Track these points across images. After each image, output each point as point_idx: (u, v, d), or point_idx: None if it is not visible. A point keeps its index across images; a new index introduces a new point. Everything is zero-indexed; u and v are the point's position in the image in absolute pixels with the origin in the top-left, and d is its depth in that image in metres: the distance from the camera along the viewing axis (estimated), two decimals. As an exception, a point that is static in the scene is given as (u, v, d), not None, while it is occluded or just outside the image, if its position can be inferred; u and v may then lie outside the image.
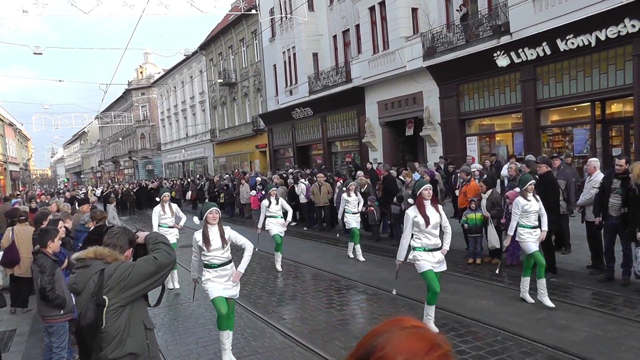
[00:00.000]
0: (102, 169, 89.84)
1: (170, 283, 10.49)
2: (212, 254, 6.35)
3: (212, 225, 6.42)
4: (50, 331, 6.11)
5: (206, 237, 6.34)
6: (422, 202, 6.93)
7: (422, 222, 6.84)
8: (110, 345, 3.29)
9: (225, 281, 6.40)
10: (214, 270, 6.38)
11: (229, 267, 6.49)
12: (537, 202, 8.19)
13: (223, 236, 6.41)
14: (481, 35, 18.51)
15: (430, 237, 6.94)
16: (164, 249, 3.51)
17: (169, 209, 11.02)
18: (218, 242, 6.37)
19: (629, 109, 15.25)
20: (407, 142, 24.73)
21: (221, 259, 6.41)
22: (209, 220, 6.41)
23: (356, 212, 12.65)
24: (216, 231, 6.41)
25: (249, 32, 37.36)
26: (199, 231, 6.43)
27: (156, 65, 67.19)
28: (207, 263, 6.40)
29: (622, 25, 14.12)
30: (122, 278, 3.29)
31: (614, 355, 5.95)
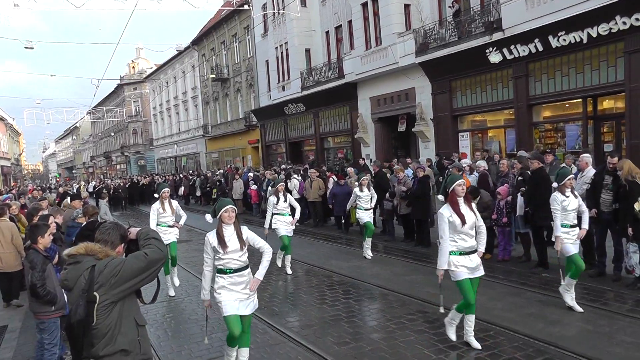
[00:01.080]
0: (94, 164, 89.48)
1: (171, 290, 9.91)
2: (229, 256, 5.59)
3: (228, 225, 5.68)
4: (42, 327, 6.09)
5: (221, 238, 5.58)
6: (455, 200, 6.17)
7: (458, 221, 6.09)
8: (102, 342, 3.27)
9: (242, 289, 5.61)
10: (229, 277, 5.59)
11: (246, 273, 5.70)
12: (575, 199, 7.50)
13: (241, 237, 5.66)
14: (473, 31, 18.52)
15: (466, 239, 6.19)
16: (155, 245, 3.49)
17: (169, 207, 10.03)
18: (235, 244, 5.61)
19: (621, 105, 15.32)
20: (400, 138, 24.74)
21: (238, 263, 5.63)
22: (225, 219, 5.67)
23: (369, 208, 12.08)
24: (232, 231, 5.67)
25: (242, 28, 37.26)
26: (212, 232, 5.68)
27: (148, 61, 66.95)
28: (222, 268, 5.61)
29: (614, 22, 14.18)
30: (113, 274, 3.27)
31: (605, 349, 5.98)
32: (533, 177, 9.83)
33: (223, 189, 25.33)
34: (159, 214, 9.94)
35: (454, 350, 6.24)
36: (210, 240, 5.62)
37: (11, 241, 9.29)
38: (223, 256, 5.57)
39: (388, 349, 6.42)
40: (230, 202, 5.93)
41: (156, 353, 6.70)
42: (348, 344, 6.68)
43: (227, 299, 5.56)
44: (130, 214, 29.86)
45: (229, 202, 5.84)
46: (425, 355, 6.18)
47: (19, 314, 9.28)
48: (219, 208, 5.74)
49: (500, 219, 10.57)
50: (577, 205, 7.50)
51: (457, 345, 6.37)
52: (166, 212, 9.98)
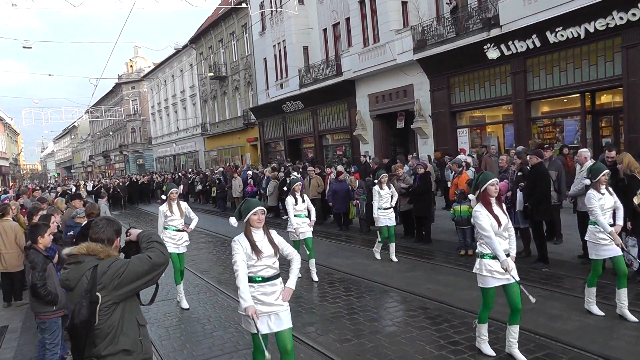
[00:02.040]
0: (93, 164, 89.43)
1: (184, 301, 9.01)
2: (263, 263, 4.95)
3: (258, 228, 5.06)
4: (43, 327, 6.09)
5: (253, 243, 4.94)
6: (488, 200, 5.75)
7: (495, 223, 5.66)
8: (104, 342, 3.28)
9: (274, 300, 4.94)
10: (260, 286, 4.94)
11: (278, 282, 5.05)
12: (611, 196, 6.97)
13: (273, 241, 5.07)
14: (471, 28, 18.54)
15: (501, 242, 5.71)
16: (158, 248, 3.46)
17: (178, 209, 9.06)
18: (269, 249, 5.00)
19: (619, 100, 15.36)
20: (398, 135, 24.76)
21: (271, 270, 5.00)
22: (254, 223, 5.02)
23: (388, 208, 11.20)
24: (263, 236, 5.07)
25: (239, 26, 37.23)
26: (240, 237, 5.02)
27: (146, 59, 66.93)
28: (251, 276, 4.93)
29: (611, 17, 14.24)
30: (116, 276, 3.26)
31: (606, 343, 6.00)
32: (532, 173, 9.84)
33: (222, 187, 25.34)
34: (167, 217, 8.99)
35: (455, 346, 6.25)
36: (242, 244, 4.94)
37: (14, 241, 9.30)
38: (256, 263, 4.93)
39: (390, 345, 6.43)
40: (259, 202, 5.23)
41: (157, 352, 6.71)
42: (350, 341, 6.69)
43: (259, 311, 4.83)
44: (129, 213, 29.84)
45: (257, 203, 5.14)
46: (427, 351, 6.20)
47: (19, 314, 9.29)
48: (247, 210, 5.06)
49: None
50: (613, 202, 6.94)
51: (459, 341, 6.39)
52: (174, 215, 8.99)
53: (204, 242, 15.92)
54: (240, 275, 4.83)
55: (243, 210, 5.11)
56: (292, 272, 5.12)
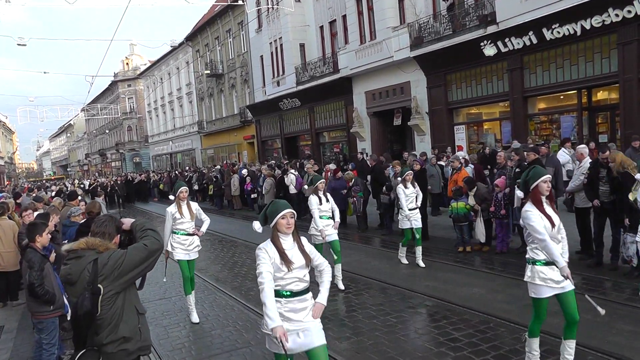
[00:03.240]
0: (89, 162, 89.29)
1: (194, 315, 8.03)
2: (293, 275, 4.24)
3: (287, 235, 4.34)
4: (40, 327, 6.06)
5: (282, 252, 4.24)
6: (539, 199, 5.12)
7: (548, 224, 5.04)
8: (105, 331, 3.44)
9: (304, 317, 4.26)
10: (288, 301, 4.23)
11: (308, 297, 4.35)
12: None
13: (304, 250, 4.37)
14: (468, 25, 18.53)
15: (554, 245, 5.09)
16: (152, 235, 3.62)
17: (188, 210, 8.07)
18: (300, 259, 4.29)
19: (615, 96, 15.40)
20: (396, 132, 24.75)
21: (302, 284, 4.30)
22: (282, 228, 4.30)
23: (414, 208, 10.23)
24: (292, 243, 4.36)
25: (236, 23, 37.17)
26: (267, 244, 4.33)
27: (142, 57, 66.76)
28: (279, 290, 4.22)
29: (607, 14, 14.27)
30: (116, 266, 3.42)
31: (604, 338, 6.01)
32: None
33: (219, 185, 25.32)
34: (176, 220, 7.99)
35: (454, 343, 6.25)
36: (270, 254, 4.23)
37: (13, 240, 9.25)
38: (285, 276, 4.21)
39: (389, 343, 6.42)
40: (288, 204, 4.44)
41: (155, 351, 6.69)
42: (349, 339, 6.69)
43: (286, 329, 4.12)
44: (126, 212, 29.75)
45: (286, 205, 4.38)
46: (426, 348, 6.20)
47: (15, 314, 9.25)
48: (274, 213, 4.35)
49: (498, 211, 10.59)
50: None
51: (458, 337, 6.38)
52: (184, 218, 8.00)
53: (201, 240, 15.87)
54: (266, 289, 4.09)
55: (269, 213, 4.39)
56: (323, 285, 4.44)
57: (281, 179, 19.06)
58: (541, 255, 5.10)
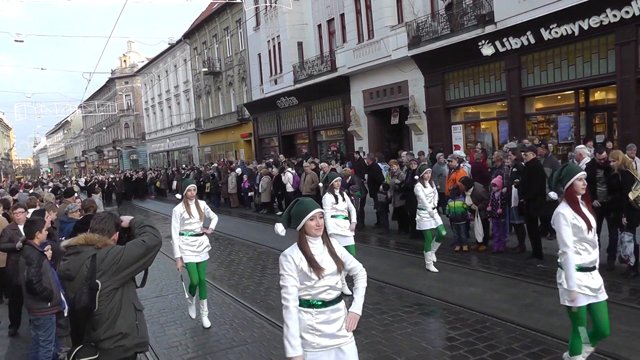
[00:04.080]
0: (86, 159, 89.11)
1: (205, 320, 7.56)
2: (325, 283, 3.74)
3: (316, 237, 3.83)
4: (37, 324, 6.06)
5: (311, 257, 3.72)
6: (575, 198, 4.72)
7: (584, 226, 4.63)
8: (103, 327, 3.45)
9: (337, 330, 3.77)
10: (320, 312, 3.74)
11: (341, 307, 3.86)
12: None
13: (335, 254, 3.84)
14: (466, 24, 18.53)
15: (590, 250, 4.71)
16: (151, 232, 3.65)
17: (197, 210, 7.53)
18: (331, 265, 3.78)
19: (612, 97, 15.42)
20: (393, 131, 24.74)
21: (335, 292, 3.81)
22: (311, 230, 3.78)
23: (432, 208, 9.70)
24: (322, 247, 3.84)
25: (233, 21, 37.11)
26: (292, 250, 3.81)
27: (140, 54, 66.57)
28: (310, 300, 3.74)
29: (604, 15, 14.29)
30: (114, 262, 3.44)
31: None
32: (527, 169, 9.86)
33: (216, 183, 25.31)
34: (184, 220, 7.44)
35: (451, 342, 6.26)
36: (295, 261, 3.71)
37: None
38: (316, 284, 3.71)
39: (385, 341, 6.43)
40: (316, 203, 3.89)
41: (152, 349, 6.68)
42: (345, 337, 6.68)
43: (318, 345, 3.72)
44: (124, 209, 29.71)
45: (314, 205, 3.83)
46: (422, 347, 6.20)
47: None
48: (301, 213, 3.79)
49: (495, 211, 10.60)
50: None
51: (455, 337, 6.40)
52: (193, 218, 7.46)
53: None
54: (290, 308, 3.63)
55: (295, 213, 3.82)
56: (358, 292, 3.93)
57: (278, 177, 19.08)
58: (577, 260, 4.67)
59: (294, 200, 3.95)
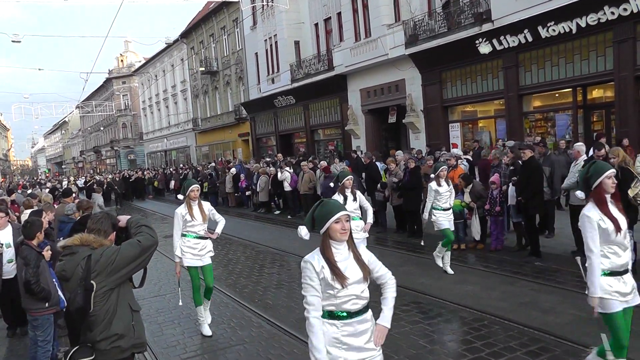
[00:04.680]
0: (84, 159, 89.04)
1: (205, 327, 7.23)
2: (350, 292, 3.42)
3: (341, 242, 3.49)
4: (35, 324, 6.05)
5: (334, 265, 3.39)
6: (604, 198, 4.41)
7: (612, 227, 4.30)
8: (99, 327, 3.42)
9: (365, 342, 3.50)
10: (346, 324, 3.44)
11: (369, 317, 3.58)
12: None
13: (361, 261, 3.52)
14: (463, 22, 18.53)
15: (620, 253, 4.38)
16: (147, 232, 3.63)
17: (200, 211, 7.17)
18: (356, 272, 3.45)
19: (610, 94, 15.43)
20: (390, 130, 24.74)
21: (361, 302, 3.51)
22: (336, 234, 3.44)
23: (448, 208, 9.31)
24: (347, 253, 3.50)
25: (230, 20, 37.10)
26: (314, 257, 3.47)
27: (137, 54, 66.54)
28: (334, 311, 3.45)
29: (602, 12, 14.29)
30: (109, 262, 3.42)
31: (598, 336, 5.99)
32: (525, 167, 9.86)
33: (214, 183, 25.30)
34: (187, 222, 7.11)
35: (449, 340, 6.26)
36: (316, 268, 3.39)
37: None
38: (340, 293, 3.39)
39: (383, 340, 6.42)
40: (341, 205, 3.61)
41: (150, 348, 6.67)
42: (343, 336, 6.67)
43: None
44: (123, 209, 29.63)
45: (339, 206, 3.51)
46: (420, 345, 6.20)
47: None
48: (326, 216, 3.45)
49: (493, 208, 10.60)
50: None
51: (452, 335, 6.40)
52: (196, 220, 7.11)
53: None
54: (312, 321, 3.36)
55: (319, 216, 3.50)
56: (386, 302, 3.67)
57: (276, 177, 19.07)
58: (606, 264, 4.35)
59: (319, 201, 3.62)
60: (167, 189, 33.67)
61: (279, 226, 16.77)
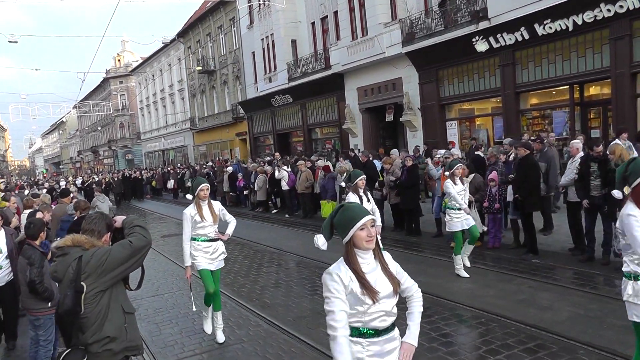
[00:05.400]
0: (82, 159, 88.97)
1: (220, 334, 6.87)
2: (379, 308, 3.03)
3: (367, 251, 3.07)
4: (37, 324, 6.04)
5: (363, 279, 2.98)
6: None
7: None
8: (90, 330, 3.36)
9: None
10: (373, 343, 3.07)
11: (396, 335, 3.21)
12: None
13: (391, 273, 3.13)
14: (459, 21, 18.53)
15: None
16: (140, 232, 3.55)
17: (210, 212, 6.74)
18: (387, 286, 3.06)
19: (607, 91, 15.44)
20: (388, 128, 24.75)
21: (389, 319, 3.13)
22: (362, 243, 3.03)
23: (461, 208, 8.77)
24: (375, 264, 3.09)
25: (227, 20, 37.07)
26: (339, 267, 3.04)
27: (134, 54, 66.47)
28: (360, 328, 3.04)
29: (598, 9, 14.30)
30: (100, 264, 3.36)
31: (596, 333, 6.04)
32: (521, 165, 9.86)
33: (211, 182, 25.25)
34: (196, 224, 6.64)
35: (446, 338, 6.27)
36: (344, 280, 2.95)
37: None
38: (370, 309, 3.00)
39: (381, 338, 6.42)
40: (365, 209, 3.14)
41: (148, 348, 6.68)
42: (341, 334, 6.67)
43: None
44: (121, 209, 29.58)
45: (363, 211, 3.07)
46: (418, 343, 6.18)
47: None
48: (349, 222, 3.02)
49: (492, 206, 10.59)
50: None
51: (450, 333, 6.40)
52: (206, 221, 6.66)
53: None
54: (339, 340, 2.88)
55: (340, 222, 3.08)
56: (413, 318, 3.30)
57: (273, 176, 19.06)
58: None
59: (339, 206, 3.19)
60: (164, 188, 33.64)
61: (276, 225, 16.77)
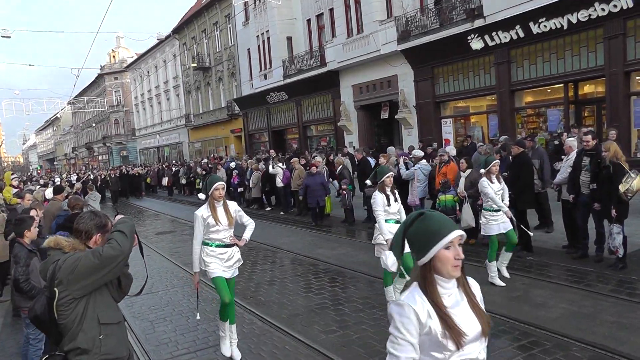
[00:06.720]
0: (76, 156, 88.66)
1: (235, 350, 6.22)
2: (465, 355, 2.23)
3: (450, 280, 2.29)
4: (27, 322, 6.02)
5: (447, 316, 2.21)
6: None
7: None
8: (66, 338, 3.22)
9: None
10: None
11: None
12: None
13: (479, 307, 2.38)
14: (455, 18, 18.57)
15: None
16: (116, 239, 3.22)
17: (225, 215, 5.91)
18: (474, 325, 2.29)
19: (601, 90, 15.53)
20: (383, 126, 24.80)
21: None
22: (447, 266, 2.23)
23: (498, 210, 8.06)
24: (459, 295, 2.34)
25: (223, 16, 37.01)
26: (414, 296, 2.26)
27: (129, 50, 66.35)
28: None
29: (593, 8, 14.38)
30: (70, 271, 3.14)
31: (589, 329, 6.06)
32: (515, 162, 9.89)
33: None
34: (210, 227, 5.85)
35: (440, 336, 6.26)
36: (421, 317, 2.21)
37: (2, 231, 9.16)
38: (452, 356, 2.23)
39: (375, 335, 6.44)
40: (450, 220, 2.35)
41: (142, 346, 6.68)
42: (335, 332, 6.69)
43: None
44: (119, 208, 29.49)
45: (449, 224, 2.28)
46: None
47: (1, 309, 9.17)
48: (431, 236, 2.23)
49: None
50: None
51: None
52: (221, 225, 5.86)
53: (188, 234, 15.83)
54: None
55: (419, 235, 2.28)
56: None
57: (266, 172, 19.02)
58: None
59: (416, 214, 2.34)
60: (159, 185, 33.55)
61: (271, 222, 16.75)
